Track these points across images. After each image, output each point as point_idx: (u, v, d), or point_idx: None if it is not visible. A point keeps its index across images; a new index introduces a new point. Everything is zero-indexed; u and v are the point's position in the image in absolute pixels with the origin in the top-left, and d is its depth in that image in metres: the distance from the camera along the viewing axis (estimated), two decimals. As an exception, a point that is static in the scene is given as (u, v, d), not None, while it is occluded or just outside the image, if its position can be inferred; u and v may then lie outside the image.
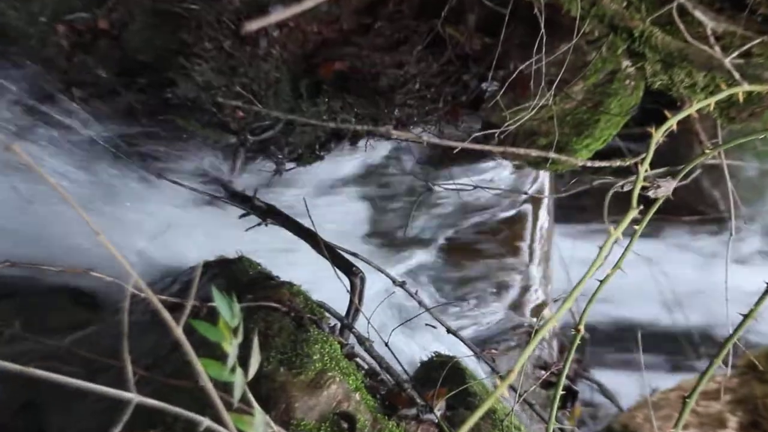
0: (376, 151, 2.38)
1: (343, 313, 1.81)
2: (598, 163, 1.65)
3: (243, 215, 2.12)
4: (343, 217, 2.39)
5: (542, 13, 1.66)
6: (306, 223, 1.98)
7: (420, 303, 1.98)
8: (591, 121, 2.10)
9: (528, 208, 2.61)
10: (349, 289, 1.84)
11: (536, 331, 1.12)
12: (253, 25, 1.16)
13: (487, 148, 1.84)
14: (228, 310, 0.93)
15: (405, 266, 2.48)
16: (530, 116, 1.88)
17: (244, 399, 0.94)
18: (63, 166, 2.05)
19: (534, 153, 1.76)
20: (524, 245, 2.60)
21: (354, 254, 1.96)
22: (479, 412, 1.02)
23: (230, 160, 2.19)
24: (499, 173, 2.50)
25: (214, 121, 2.04)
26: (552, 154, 1.69)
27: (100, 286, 1.93)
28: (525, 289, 2.61)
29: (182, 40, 1.94)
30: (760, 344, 2.42)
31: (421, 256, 2.50)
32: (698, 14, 1.66)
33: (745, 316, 1.29)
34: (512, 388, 1.78)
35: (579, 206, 2.75)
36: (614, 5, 1.64)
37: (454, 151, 1.66)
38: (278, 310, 1.66)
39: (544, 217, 2.65)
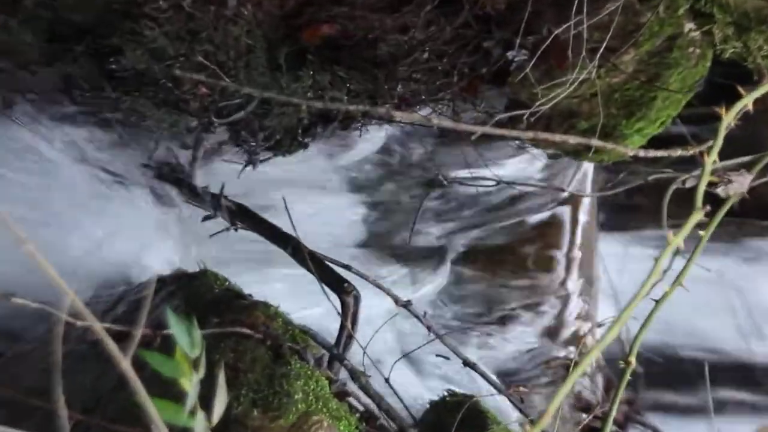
0: (374, 137, 2.39)
1: (333, 341, 1.82)
2: (653, 153, 1.63)
3: (206, 217, 2.14)
4: (333, 221, 2.42)
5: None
6: (286, 227, 1.99)
7: (429, 328, 2.00)
8: (645, 100, 2.11)
9: (565, 209, 2.63)
10: (339, 310, 1.85)
11: (576, 364, 1.15)
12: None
13: (513, 133, 1.81)
14: (187, 338, 0.94)
15: (411, 280, 2.51)
16: (568, 93, 1.89)
17: (207, 450, 0.97)
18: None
19: (573, 139, 1.78)
20: (561, 255, 2.62)
21: (346, 267, 1.97)
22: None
23: (190, 148, 2.20)
24: (529, 165, 2.51)
25: (171, 99, 2.02)
26: (595, 141, 1.67)
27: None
28: (561, 311, 2.63)
29: (130, -5, 1.95)
30: None
31: (431, 270, 2.53)
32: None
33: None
34: (546, 435, 1.81)
35: (630, 206, 2.77)
36: (674, -47, 1.65)
37: (472, 138, 1.67)
38: (251, 337, 1.67)
39: (585, 220, 2.66)
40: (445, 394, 2.02)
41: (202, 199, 2.16)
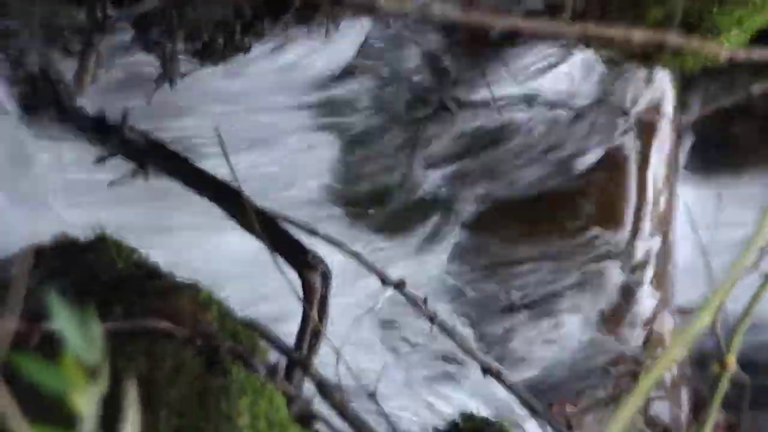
0: (348, 36, 2.41)
1: (292, 341, 1.85)
2: (760, 54, 1.66)
3: (102, 158, 2.14)
4: (290, 163, 2.43)
5: None
6: (220, 173, 2.02)
7: (432, 320, 2.03)
8: (747, -26, 2.16)
9: (631, 142, 2.63)
10: (301, 294, 1.88)
11: (647, 370, 1.14)
12: None
13: (552, 28, 1.63)
14: (80, 335, 0.95)
15: (405, 252, 2.50)
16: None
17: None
18: None
19: (640, 35, 1.68)
20: (626, 209, 2.63)
21: (310, 230, 1.99)
22: None
23: (77, 56, 2.20)
24: (577, 75, 2.52)
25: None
26: (674, 38, 1.62)
27: None
28: (626, 291, 2.63)
29: None
30: None
31: (435, 234, 2.53)
32: None
33: None
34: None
35: (726, 137, 2.81)
36: None
37: (492, 35, 1.66)
38: (173, 335, 1.70)
39: (661, 158, 2.66)
40: (457, 420, 2.04)
41: (93, 131, 2.16)
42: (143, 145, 2.12)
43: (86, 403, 0.93)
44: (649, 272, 2.66)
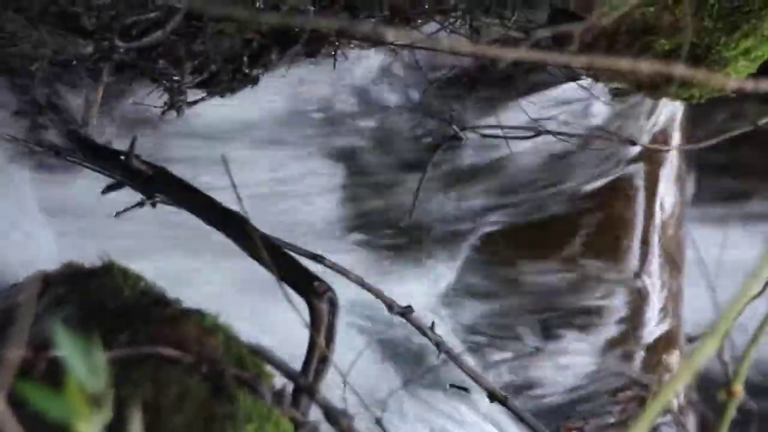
0: (356, 67, 2.41)
1: (299, 367, 1.84)
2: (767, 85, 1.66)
3: (110, 188, 2.15)
4: (297, 191, 2.43)
5: None
6: (227, 201, 2.01)
7: (438, 345, 2.09)
8: (754, 7, 2.12)
9: (639, 170, 2.62)
10: (308, 321, 1.87)
11: (654, 395, 1.14)
12: None
13: (560, 59, 1.82)
14: (84, 363, 0.95)
15: (413, 280, 2.51)
16: (641, -1, 1.89)
17: None
18: None
19: (648, 67, 1.62)
20: (632, 238, 2.61)
21: (316, 257, 2.04)
22: None
23: (84, 87, 2.20)
24: (585, 106, 2.52)
25: (53, 11, 2.04)
26: (681, 69, 1.51)
27: None
28: (633, 317, 2.63)
29: None
30: None
31: (443, 261, 2.53)
32: None
33: None
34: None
35: (733, 166, 2.81)
36: None
37: (500, 66, 1.72)
38: (178, 361, 1.69)
39: (668, 187, 2.65)
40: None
41: (102, 161, 2.16)
42: (150, 174, 2.13)
43: (90, 430, 0.93)
44: (657, 300, 2.65)
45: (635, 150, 2.58)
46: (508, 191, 2.56)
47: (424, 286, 2.51)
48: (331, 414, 1.75)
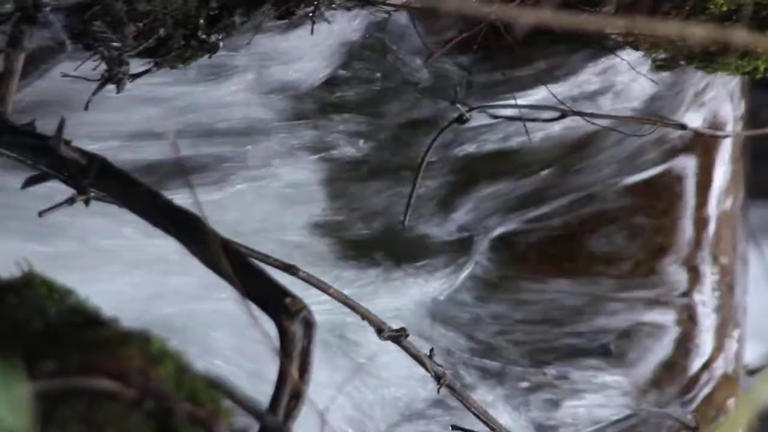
0: (337, 29, 2.33)
1: (266, 403, 1.74)
2: None
3: (32, 180, 2.01)
4: (265, 187, 2.36)
5: None
6: (179, 198, 1.90)
7: (438, 378, 2.05)
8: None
9: (688, 161, 2.55)
10: (278, 345, 1.77)
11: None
12: None
13: (592, 23, 1.78)
14: (1, 397, 0.97)
15: (408, 296, 2.44)
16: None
17: None
18: None
19: (700, 32, 1.60)
20: (679, 246, 2.54)
21: (289, 268, 1.98)
22: None
23: (1, 54, 2.08)
24: (621, 80, 2.43)
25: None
26: (743, 35, 1.57)
27: None
28: (680, 343, 2.57)
29: None
30: None
31: (444, 274, 2.47)
32: None
33: None
34: None
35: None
36: None
37: (517, 32, 1.73)
38: (118, 396, 1.56)
39: (723, 182, 2.58)
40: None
41: (22, 147, 2.01)
42: (84, 163, 1.97)
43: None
44: (710, 322, 2.59)
45: (684, 136, 2.51)
46: (525, 188, 2.50)
47: (416, 299, 2.45)
48: (307, 461, 1.68)
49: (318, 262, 2.37)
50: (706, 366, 2.59)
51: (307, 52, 2.33)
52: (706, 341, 2.58)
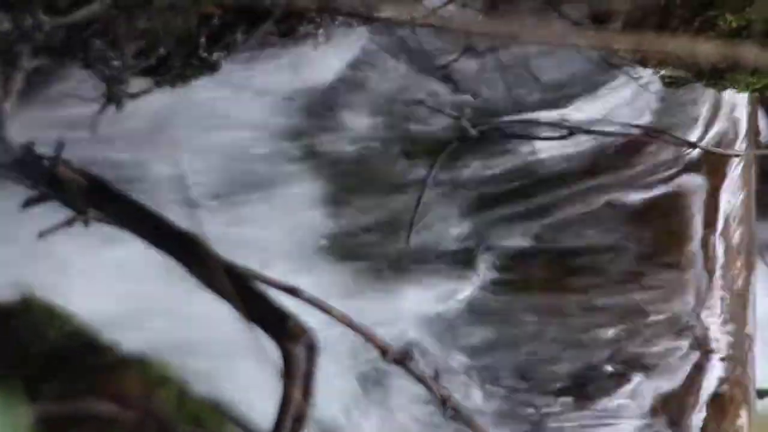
0: (341, 48, 2.29)
1: (268, 427, 1.80)
2: None
3: (31, 201, 2.00)
4: (268, 204, 2.31)
5: None
6: (180, 220, 1.91)
7: (444, 401, 2.05)
8: None
9: (696, 180, 2.51)
10: (281, 369, 1.80)
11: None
12: None
13: (598, 40, 1.78)
14: (2, 421, 1.03)
15: (413, 316, 2.40)
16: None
17: None
18: None
19: (710, 49, 1.64)
20: (687, 267, 2.51)
21: (292, 290, 1.91)
22: None
23: None
24: (628, 98, 2.39)
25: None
26: (752, 51, 1.59)
27: None
28: (693, 370, 2.52)
29: None
30: None
31: (449, 295, 2.42)
32: None
33: None
34: None
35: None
36: None
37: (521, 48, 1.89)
38: (120, 420, 1.69)
39: (732, 202, 2.54)
40: None
41: (21, 168, 2.07)
42: (83, 184, 2.00)
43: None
44: (720, 347, 2.54)
45: (693, 155, 2.48)
46: (534, 203, 2.47)
47: (420, 315, 2.43)
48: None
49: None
50: (716, 391, 2.54)
51: (314, 63, 2.31)
52: (716, 362, 2.55)
